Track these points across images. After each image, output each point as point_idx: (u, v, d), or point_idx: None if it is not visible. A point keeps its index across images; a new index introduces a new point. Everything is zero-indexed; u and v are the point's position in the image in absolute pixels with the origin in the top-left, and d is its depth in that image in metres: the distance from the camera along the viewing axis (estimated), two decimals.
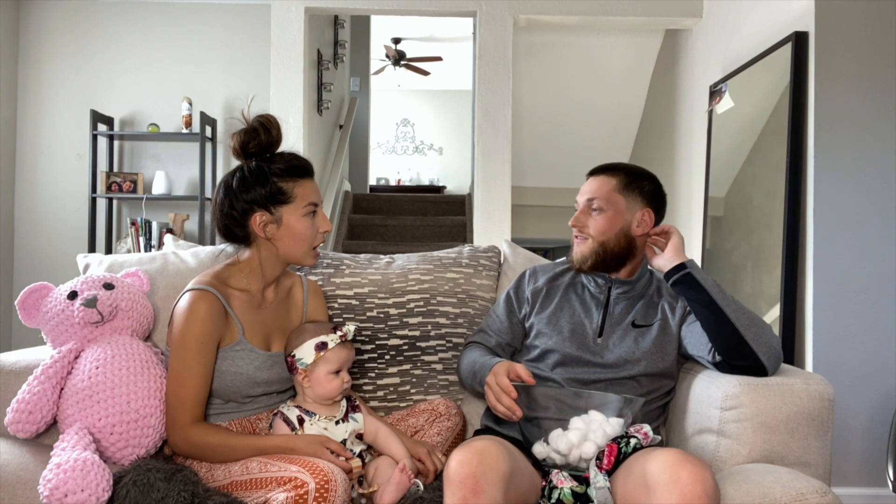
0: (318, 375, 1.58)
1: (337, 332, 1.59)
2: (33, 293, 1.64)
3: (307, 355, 1.58)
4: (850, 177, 2.71)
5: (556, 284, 1.79)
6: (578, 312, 1.72)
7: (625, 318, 1.69)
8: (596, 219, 1.70)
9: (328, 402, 1.59)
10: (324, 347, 1.57)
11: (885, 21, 2.71)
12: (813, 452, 1.45)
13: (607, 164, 1.77)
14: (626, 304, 1.72)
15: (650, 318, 1.69)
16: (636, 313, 1.70)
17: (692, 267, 1.59)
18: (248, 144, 1.59)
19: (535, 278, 1.82)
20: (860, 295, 2.69)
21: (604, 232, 1.69)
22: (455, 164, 10.27)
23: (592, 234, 1.69)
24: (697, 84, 4.09)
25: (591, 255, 1.69)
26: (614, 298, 1.72)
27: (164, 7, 4.42)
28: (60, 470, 1.33)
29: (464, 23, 7.00)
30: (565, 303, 1.75)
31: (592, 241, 1.70)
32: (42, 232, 4.37)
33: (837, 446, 2.63)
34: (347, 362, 1.60)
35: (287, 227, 1.58)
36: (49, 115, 4.40)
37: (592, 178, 1.75)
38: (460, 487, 1.27)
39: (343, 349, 1.59)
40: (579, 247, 1.72)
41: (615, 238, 1.69)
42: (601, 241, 1.69)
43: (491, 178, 4.02)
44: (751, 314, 1.55)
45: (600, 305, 1.72)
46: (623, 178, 1.72)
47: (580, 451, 1.41)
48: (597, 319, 1.70)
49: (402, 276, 1.93)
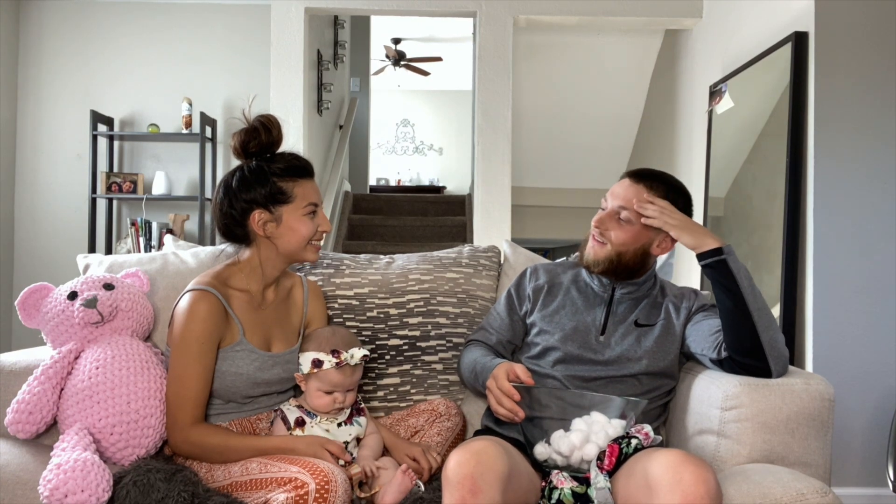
0: (311, 388, 1.58)
1: (334, 358, 1.54)
2: (33, 293, 1.64)
3: (305, 365, 1.57)
4: (850, 177, 2.71)
5: (559, 282, 1.77)
6: (581, 310, 1.70)
7: (628, 317, 1.68)
8: (621, 227, 1.63)
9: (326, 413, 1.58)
10: (319, 365, 1.55)
11: (885, 21, 2.71)
12: (813, 452, 1.45)
13: (649, 171, 1.69)
14: (629, 303, 1.70)
15: (653, 318, 1.68)
16: (639, 313, 1.68)
17: (729, 253, 1.53)
18: (249, 144, 1.59)
19: (537, 276, 1.80)
20: (860, 295, 2.69)
21: (625, 243, 1.64)
22: (455, 164, 10.27)
23: (613, 240, 1.64)
24: (697, 84, 4.09)
25: (605, 261, 1.65)
26: (618, 297, 1.70)
27: (164, 7, 4.42)
28: (60, 470, 1.33)
29: (464, 23, 7.00)
30: (567, 300, 1.73)
31: (610, 248, 1.64)
32: (42, 232, 4.37)
33: (837, 446, 2.63)
34: (343, 386, 1.56)
35: (286, 226, 1.58)
36: (49, 116, 4.40)
37: (629, 183, 1.66)
38: (458, 488, 1.26)
39: (339, 374, 1.55)
40: (596, 249, 1.67)
41: (633, 252, 1.64)
42: (619, 252, 1.64)
43: (491, 179, 4.02)
44: (771, 317, 1.52)
45: (603, 303, 1.70)
46: (661, 193, 1.64)
47: (582, 453, 1.41)
48: (600, 317, 1.68)
49: (402, 276, 1.93)
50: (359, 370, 1.59)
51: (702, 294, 1.74)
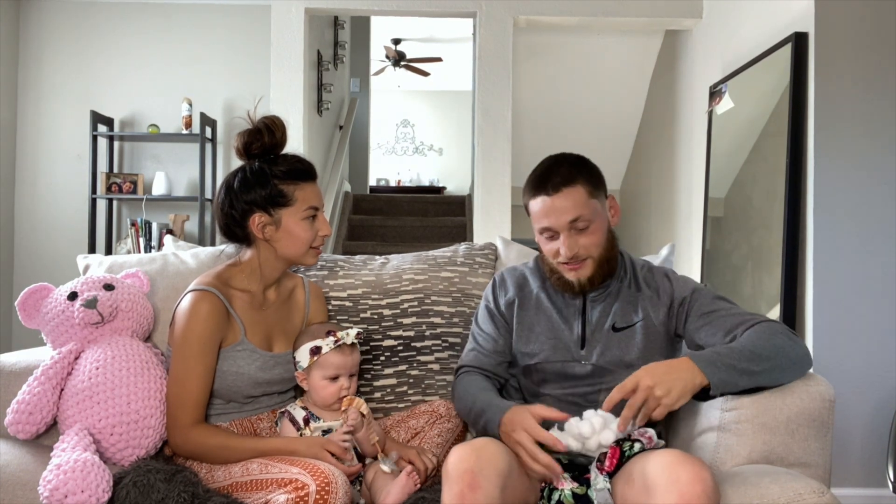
0: (314, 380, 1.57)
1: (331, 337, 1.55)
2: (33, 294, 1.64)
3: (303, 359, 1.57)
4: (850, 177, 2.71)
5: (526, 293, 1.67)
6: (556, 324, 1.61)
7: (604, 323, 1.59)
8: (587, 236, 1.53)
9: (328, 408, 1.58)
10: (317, 352, 1.55)
11: (885, 21, 2.71)
12: (813, 453, 1.45)
13: (562, 173, 1.54)
14: (602, 306, 1.60)
15: (630, 319, 1.59)
16: (615, 315, 1.59)
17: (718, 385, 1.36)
18: (252, 145, 1.59)
19: (505, 288, 1.69)
20: (860, 295, 2.69)
21: (599, 244, 1.55)
22: (455, 164, 10.27)
23: (590, 253, 1.54)
24: (697, 84, 4.09)
25: (595, 275, 1.56)
26: (590, 301, 1.60)
27: (164, 8, 4.42)
28: (60, 471, 1.33)
29: (464, 23, 6.99)
30: (541, 315, 1.63)
31: (591, 261, 1.55)
32: (42, 232, 4.37)
33: (838, 447, 2.63)
34: (346, 368, 1.57)
35: (286, 229, 1.58)
36: (49, 116, 4.40)
37: (558, 196, 1.51)
38: (458, 482, 1.27)
39: (339, 354, 1.55)
40: (578, 272, 1.55)
41: (606, 243, 1.56)
42: (599, 254, 1.55)
43: (491, 179, 4.02)
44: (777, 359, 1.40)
45: (577, 312, 1.60)
46: (585, 179, 1.54)
47: (600, 438, 1.37)
48: (577, 329, 1.59)
49: (396, 277, 1.92)
50: (356, 352, 1.60)
51: (678, 280, 1.62)
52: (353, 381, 1.59)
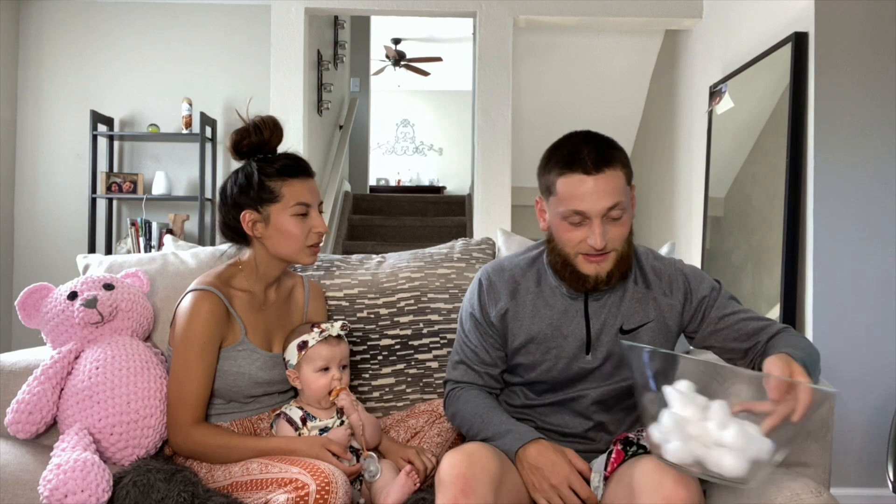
0: (306, 375, 1.57)
1: (316, 329, 1.57)
2: (33, 293, 1.64)
3: (292, 356, 1.58)
4: (850, 177, 2.71)
5: (520, 301, 1.52)
6: (557, 328, 1.48)
7: (610, 324, 1.48)
8: (618, 227, 1.39)
9: (322, 405, 1.58)
10: (305, 346, 1.57)
11: (885, 21, 2.71)
12: (813, 453, 1.45)
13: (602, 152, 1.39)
14: (608, 306, 1.49)
15: (640, 319, 1.47)
16: (622, 316, 1.48)
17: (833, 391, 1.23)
18: (241, 144, 1.61)
19: (494, 295, 1.53)
20: (860, 295, 2.69)
21: (625, 237, 1.41)
22: (455, 164, 10.27)
23: (615, 246, 1.40)
24: (697, 84, 4.09)
25: (614, 270, 1.42)
26: (592, 301, 1.49)
27: (164, 7, 4.42)
28: (60, 470, 1.33)
29: (464, 23, 6.99)
30: (539, 321, 1.49)
31: (615, 254, 1.41)
32: (42, 232, 4.37)
33: (837, 447, 2.63)
34: (335, 359, 1.57)
35: (275, 226, 1.58)
36: (49, 116, 4.40)
37: (601, 177, 1.36)
38: (451, 488, 1.27)
39: (326, 346, 1.57)
40: (600, 265, 1.41)
41: (629, 237, 1.44)
42: (623, 249, 1.42)
43: (491, 179, 4.03)
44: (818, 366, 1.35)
45: (580, 312, 1.48)
46: (623, 163, 1.41)
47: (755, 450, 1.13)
48: (580, 333, 1.48)
49: (393, 275, 1.92)
50: (344, 343, 1.61)
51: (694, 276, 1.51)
52: (346, 374, 1.60)
